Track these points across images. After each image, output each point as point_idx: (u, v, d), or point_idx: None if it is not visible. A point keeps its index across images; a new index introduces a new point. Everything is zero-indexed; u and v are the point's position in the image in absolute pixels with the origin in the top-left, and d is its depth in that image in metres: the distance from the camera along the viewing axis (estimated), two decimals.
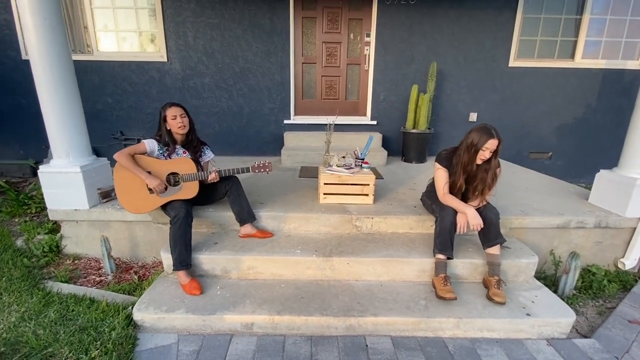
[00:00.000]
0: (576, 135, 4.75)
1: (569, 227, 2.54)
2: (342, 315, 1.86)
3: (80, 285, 2.30)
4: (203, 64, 4.36)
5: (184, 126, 2.22)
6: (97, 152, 4.68)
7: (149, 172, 2.16)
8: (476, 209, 2.07)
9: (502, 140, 1.98)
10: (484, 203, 2.11)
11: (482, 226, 2.00)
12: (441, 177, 2.16)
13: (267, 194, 2.88)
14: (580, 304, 2.36)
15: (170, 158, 2.23)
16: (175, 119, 2.19)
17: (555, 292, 2.40)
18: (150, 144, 2.19)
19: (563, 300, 2.32)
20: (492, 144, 1.96)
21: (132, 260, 2.63)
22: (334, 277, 2.19)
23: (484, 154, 2.00)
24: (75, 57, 4.32)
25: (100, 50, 4.40)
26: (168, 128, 2.22)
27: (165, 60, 4.34)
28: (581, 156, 4.83)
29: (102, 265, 2.47)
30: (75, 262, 2.56)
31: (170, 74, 4.39)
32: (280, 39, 4.30)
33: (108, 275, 2.41)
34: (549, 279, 2.55)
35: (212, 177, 2.20)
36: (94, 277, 2.39)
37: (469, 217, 2.01)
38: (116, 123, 4.57)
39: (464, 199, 2.17)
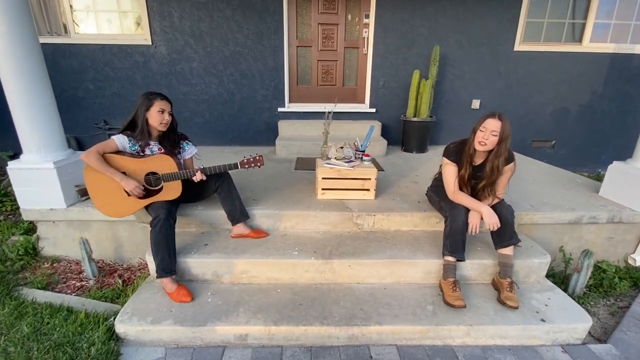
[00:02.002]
0: (580, 122, 4.60)
1: (581, 222, 2.42)
2: (345, 324, 1.71)
3: (59, 291, 2.12)
4: (190, 48, 4.07)
5: (167, 124, 1.98)
6: (80, 142, 4.44)
7: (124, 173, 1.93)
8: (490, 206, 1.91)
9: (507, 124, 1.79)
10: (496, 201, 1.95)
11: (499, 225, 1.85)
12: (450, 172, 1.99)
13: (260, 189, 2.70)
14: (592, 303, 2.25)
15: (143, 153, 1.99)
16: (162, 112, 1.94)
17: (565, 290, 2.29)
18: (120, 140, 1.94)
19: (574, 299, 2.21)
20: (490, 123, 1.79)
21: (117, 262, 2.45)
22: (334, 280, 2.04)
23: (482, 136, 1.82)
24: (52, 40, 4.05)
25: (79, 32, 4.07)
26: (146, 118, 1.95)
27: (150, 43, 4.04)
28: (585, 144, 4.70)
29: (83, 268, 2.28)
30: (54, 265, 2.37)
31: (155, 58, 4.10)
32: (272, 20, 4.01)
33: (90, 279, 2.23)
34: (557, 276, 2.44)
35: (198, 177, 1.98)
36: (74, 282, 2.21)
37: (484, 216, 1.86)
38: (99, 111, 4.29)
39: (473, 196, 2.01)
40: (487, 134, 1.80)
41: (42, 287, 2.12)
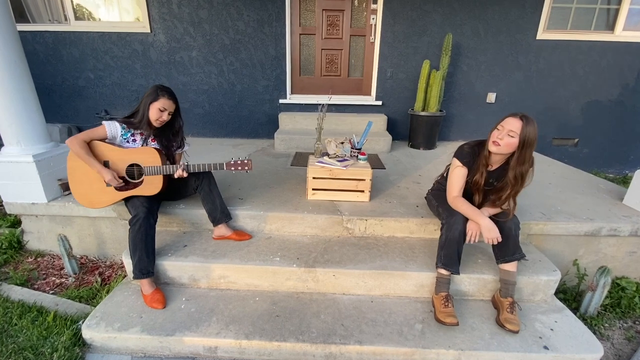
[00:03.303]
0: (608, 119, 4.21)
1: (599, 234, 2.16)
2: (322, 341, 1.57)
3: (38, 288, 2.07)
4: (190, 36, 3.93)
5: (161, 123, 1.91)
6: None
7: (106, 162, 1.87)
8: (492, 216, 1.70)
9: (532, 127, 1.54)
10: (500, 211, 1.73)
11: (500, 240, 1.64)
12: (458, 176, 1.77)
13: (249, 186, 2.56)
14: (606, 325, 2.02)
15: (134, 141, 1.92)
16: (162, 111, 1.86)
17: (577, 309, 2.08)
18: (111, 128, 1.86)
19: (586, 321, 2.00)
20: (509, 122, 1.56)
21: (100, 258, 2.39)
22: (318, 290, 1.89)
23: (497, 134, 1.60)
24: (53, 28, 3.99)
25: (78, 19, 3.99)
26: (149, 109, 1.87)
27: (149, 30, 3.92)
28: (612, 143, 4.30)
29: None
30: (38, 260, 2.33)
31: (154, 46, 3.99)
32: (274, 6, 3.80)
33: (69, 276, 2.17)
34: (569, 292, 2.21)
35: (179, 173, 1.88)
36: (54, 278, 2.16)
37: (483, 230, 1.65)
38: (100, 101, 4.24)
39: (483, 203, 1.80)
40: (503, 134, 1.57)
41: (21, 283, 2.08)
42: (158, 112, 1.86)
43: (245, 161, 1.98)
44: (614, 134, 4.27)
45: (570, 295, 2.19)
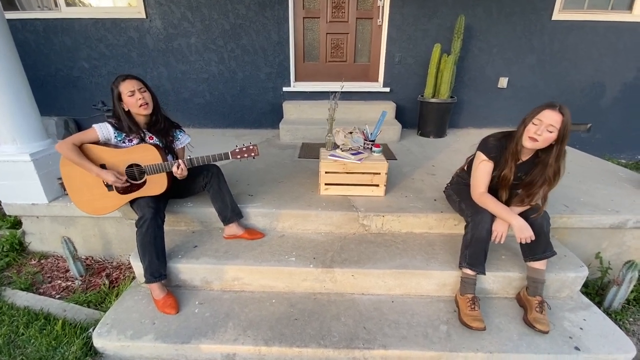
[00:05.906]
0: (623, 104, 4.07)
1: (625, 227, 2.09)
2: (344, 346, 1.51)
3: (43, 292, 2.00)
4: (187, 21, 3.73)
5: (146, 103, 1.74)
6: (79, 125, 4.28)
7: (102, 166, 1.75)
8: (521, 213, 1.61)
9: (569, 117, 1.43)
10: (531, 206, 1.64)
11: (534, 238, 1.56)
12: (484, 171, 1.66)
13: (258, 182, 2.46)
14: (630, 320, 1.98)
15: (131, 142, 1.79)
16: (133, 95, 1.70)
17: (599, 303, 2.02)
18: (102, 130, 1.73)
19: (610, 315, 1.95)
20: (548, 115, 1.43)
21: (106, 259, 2.31)
22: (336, 290, 1.82)
23: (534, 130, 1.46)
24: (43, 15, 3.78)
25: (69, 5, 3.78)
26: (126, 109, 1.74)
27: (144, 16, 3.71)
28: (626, 129, 4.19)
29: None
30: (42, 262, 2.25)
31: (150, 33, 3.79)
32: None
33: (76, 279, 2.09)
34: (591, 286, 2.16)
35: (174, 170, 1.75)
36: (60, 281, 2.08)
37: (515, 229, 1.56)
38: (96, 92, 4.07)
39: (509, 200, 1.71)
40: (542, 129, 1.45)
41: (26, 287, 2.00)
42: (130, 98, 1.69)
43: (251, 147, 1.84)
44: (629, 119, 4.14)
45: (592, 289, 2.14)
